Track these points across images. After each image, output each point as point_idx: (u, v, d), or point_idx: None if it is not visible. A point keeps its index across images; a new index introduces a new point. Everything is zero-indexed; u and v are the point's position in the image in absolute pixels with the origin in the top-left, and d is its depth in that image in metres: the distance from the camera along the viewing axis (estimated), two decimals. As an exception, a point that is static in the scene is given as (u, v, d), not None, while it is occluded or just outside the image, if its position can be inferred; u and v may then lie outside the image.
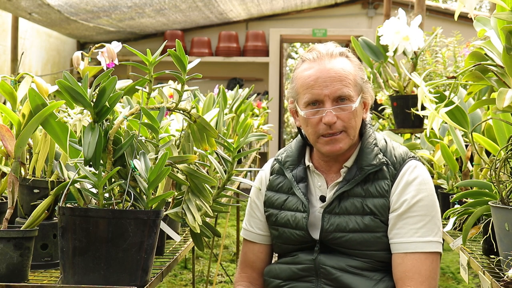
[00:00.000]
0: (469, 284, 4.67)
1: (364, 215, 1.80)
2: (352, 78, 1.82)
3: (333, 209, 1.83)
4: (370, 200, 1.80)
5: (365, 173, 1.82)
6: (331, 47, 1.86)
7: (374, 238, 1.79)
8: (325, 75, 1.79)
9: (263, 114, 5.66)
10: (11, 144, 1.56)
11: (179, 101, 1.71)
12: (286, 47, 15.09)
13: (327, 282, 1.80)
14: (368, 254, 1.81)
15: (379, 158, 1.83)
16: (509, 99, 1.57)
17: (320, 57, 1.83)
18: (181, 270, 5.20)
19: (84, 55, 2.06)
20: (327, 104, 1.79)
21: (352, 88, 1.80)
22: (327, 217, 1.83)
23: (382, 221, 1.80)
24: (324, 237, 1.83)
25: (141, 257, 1.47)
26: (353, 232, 1.80)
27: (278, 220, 1.91)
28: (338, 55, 1.84)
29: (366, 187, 1.81)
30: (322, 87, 1.78)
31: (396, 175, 1.82)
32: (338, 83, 1.79)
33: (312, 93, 1.80)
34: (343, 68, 1.81)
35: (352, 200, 1.81)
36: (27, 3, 6.65)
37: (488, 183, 1.99)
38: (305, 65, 1.85)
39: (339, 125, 1.79)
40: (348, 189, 1.82)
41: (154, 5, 8.01)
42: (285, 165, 1.95)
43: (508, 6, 1.60)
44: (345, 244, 1.81)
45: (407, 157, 1.86)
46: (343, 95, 1.79)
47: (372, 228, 1.79)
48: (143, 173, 1.52)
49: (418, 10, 5.38)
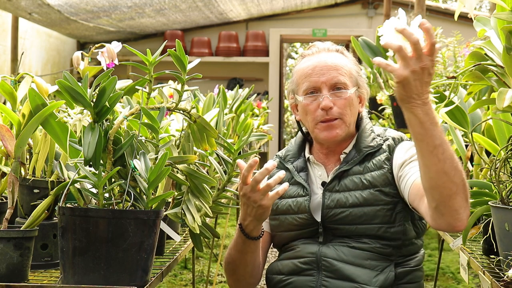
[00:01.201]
0: (469, 284, 4.66)
1: (364, 189, 1.85)
2: (348, 69, 1.93)
3: (333, 187, 1.89)
4: (368, 174, 1.86)
5: (363, 154, 1.90)
6: (328, 44, 2.00)
7: (373, 211, 1.83)
8: (322, 64, 1.92)
9: (263, 114, 5.67)
10: (11, 144, 1.56)
11: (179, 101, 1.71)
12: (286, 47, 15.09)
13: (328, 274, 1.82)
14: (369, 228, 1.83)
15: (376, 140, 1.92)
16: (509, 99, 1.57)
17: (318, 51, 1.97)
18: (181, 270, 5.20)
19: (84, 55, 2.06)
20: (324, 91, 1.89)
21: (347, 77, 1.92)
22: (328, 195, 1.88)
23: (382, 192, 1.83)
24: (325, 214, 1.86)
25: (141, 257, 1.48)
26: (353, 207, 1.84)
27: (279, 208, 1.94)
28: (334, 50, 1.98)
29: (364, 164, 1.89)
30: (319, 75, 1.90)
31: (394, 148, 1.89)
32: (334, 71, 1.91)
33: (310, 81, 1.91)
34: (339, 59, 1.94)
35: (351, 178, 1.88)
36: (27, 3, 6.65)
37: (488, 183, 1.99)
38: (304, 59, 1.98)
39: (335, 111, 1.88)
40: (347, 168, 1.89)
41: (154, 5, 8.01)
42: (286, 158, 2.03)
43: (508, 6, 1.60)
44: (346, 219, 1.84)
45: (405, 138, 1.95)
46: (339, 82, 1.90)
47: (371, 201, 1.83)
48: (143, 173, 1.52)
49: (418, 10, 5.38)
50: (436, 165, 1.51)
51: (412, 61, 1.42)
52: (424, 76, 1.43)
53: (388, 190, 1.83)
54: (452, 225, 1.57)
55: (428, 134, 1.48)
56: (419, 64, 1.41)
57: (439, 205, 1.55)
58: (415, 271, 1.88)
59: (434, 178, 1.52)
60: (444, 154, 1.50)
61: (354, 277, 1.79)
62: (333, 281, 1.81)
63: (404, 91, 1.45)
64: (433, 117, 1.48)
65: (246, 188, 1.67)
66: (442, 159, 1.50)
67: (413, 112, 1.47)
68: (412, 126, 1.50)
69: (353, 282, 1.79)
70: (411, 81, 1.43)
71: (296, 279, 1.87)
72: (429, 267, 5.16)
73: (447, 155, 1.50)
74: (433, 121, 1.48)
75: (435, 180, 1.52)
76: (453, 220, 1.55)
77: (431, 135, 1.48)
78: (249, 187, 1.67)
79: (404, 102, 1.47)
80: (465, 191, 1.54)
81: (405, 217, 1.85)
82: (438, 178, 1.52)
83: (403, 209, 1.84)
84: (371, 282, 1.78)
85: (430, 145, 1.49)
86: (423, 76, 1.43)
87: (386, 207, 1.83)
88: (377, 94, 4.33)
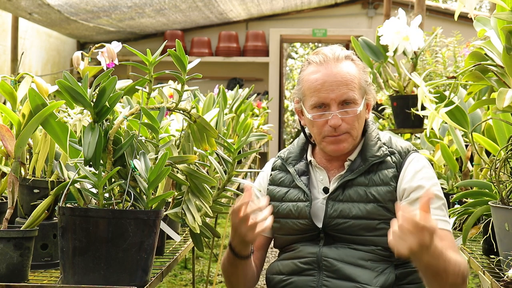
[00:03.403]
0: (469, 284, 4.66)
1: (368, 202, 1.83)
2: (357, 81, 1.87)
3: (337, 196, 1.87)
4: (373, 188, 1.84)
5: (369, 163, 1.86)
6: (337, 50, 1.90)
7: (375, 224, 1.82)
8: (331, 79, 1.84)
9: (263, 114, 5.67)
10: (11, 144, 1.56)
11: (179, 101, 1.70)
12: (286, 47, 15.07)
13: (328, 274, 1.82)
14: (370, 240, 1.83)
15: (382, 150, 1.88)
16: (509, 99, 1.57)
17: (327, 61, 1.87)
18: (181, 270, 5.20)
19: (84, 55, 2.06)
20: (333, 107, 1.84)
21: (357, 91, 1.86)
22: (331, 204, 1.87)
23: (386, 208, 1.82)
24: (327, 223, 1.86)
25: (141, 257, 1.48)
26: (355, 219, 1.83)
27: (280, 211, 1.94)
28: (343, 58, 1.89)
29: (370, 176, 1.86)
30: (329, 91, 1.84)
31: (402, 163, 1.86)
32: (344, 87, 1.84)
33: (318, 96, 1.85)
34: (348, 72, 1.86)
35: (355, 188, 1.86)
36: (27, 3, 6.65)
37: (488, 183, 1.99)
38: (312, 67, 1.89)
39: (344, 127, 1.85)
40: (352, 178, 1.87)
41: (154, 5, 8.01)
42: (288, 160, 2.00)
43: (508, 6, 1.60)
44: (347, 230, 1.84)
45: (412, 149, 1.92)
46: (348, 99, 1.84)
47: (374, 215, 1.82)
48: (143, 173, 1.52)
49: (418, 10, 5.38)
50: (440, 282, 1.63)
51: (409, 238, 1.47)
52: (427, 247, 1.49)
53: (392, 206, 1.81)
54: None
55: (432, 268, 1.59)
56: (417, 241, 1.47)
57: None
58: (416, 272, 1.87)
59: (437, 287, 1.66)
60: (447, 272, 1.62)
61: (355, 277, 1.79)
62: (334, 281, 1.81)
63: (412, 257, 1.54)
64: (438, 254, 1.56)
65: (235, 219, 1.70)
66: (445, 276, 1.62)
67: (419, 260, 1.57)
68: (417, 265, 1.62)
69: (354, 282, 1.79)
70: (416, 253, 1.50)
71: (297, 279, 1.87)
72: (429, 267, 5.15)
73: (449, 271, 1.62)
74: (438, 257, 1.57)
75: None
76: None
77: (435, 267, 1.59)
78: (239, 220, 1.70)
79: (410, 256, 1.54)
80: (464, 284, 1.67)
81: None
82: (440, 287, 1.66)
83: None
84: (372, 282, 1.78)
85: (434, 273, 1.61)
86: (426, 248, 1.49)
87: (388, 221, 1.81)
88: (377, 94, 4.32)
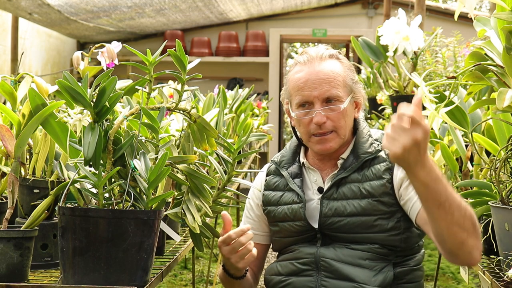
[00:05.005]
0: (469, 284, 4.66)
1: (362, 198, 1.83)
2: (341, 79, 1.88)
3: (331, 194, 1.87)
4: (367, 183, 1.84)
5: (361, 160, 1.87)
6: (321, 49, 1.92)
7: (371, 221, 1.82)
8: (314, 78, 1.86)
9: (263, 114, 5.66)
10: (11, 144, 1.56)
11: (179, 101, 1.71)
12: (286, 47, 15.08)
13: (327, 274, 1.83)
14: (366, 238, 1.83)
15: (374, 146, 1.89)
16: (509, 99, 1.57)
17: (311, 60, 1.89)
18: (181, 270, 5.20)
19: (84, 55, 2.06)
20: (316, 105, 1.86)
21: (341, 89, 1.87)
22: (326, 202, 1.87)
23: (380, 202, 1.82)
24: (323, 223, 1.86)
25: (141, 257, 1.48)
26: (351, 216, 1.83)
27: (276, 215, 1.95)
28: (327, 57, 1.90)
29: (363, 172, 1.86)
30: (312, 89, 1.86)
31: None
32: (327, 85, 1.85)
33: (302, 94, 1.87)
34: (332, 70, 1.88)
35: (349, 186, 1.86)
36: (27, 3, 6.65)
37: (488, 183, 1.99)
38: (297, 67, 1.92)
39: (329, 125, 1.86)
40: (345, 175, 1.87)
41: (154, 5, 8.01)
42: (281, 164, 2.02)
43: (508, 6, 1.60)
44: (344, 228, 1.84)
45: None
46: (331, 96, 1.85)
47: (369, 211, 1.82)
48: (143, 173, 1.52)
49: (418, 10, 5.37)
50: (445, 219, 1.50)
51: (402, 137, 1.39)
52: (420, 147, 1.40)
53: (387, 200, 1.82)
54: (466, 264, 1.65)
55: (432, 193, 1.47)
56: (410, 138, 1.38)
57: (451, 250, 1.57)
58: (414, 271, 1.88)
59: (444, 229, 1.53)
60: (451, 207, 1.49)
61: (353, 276, 1.80)
62: (332, 281, 1.81)
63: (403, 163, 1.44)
64: (435, 175, 1.46)
65: (225, 249, 1.72)
66: (450, 212, 1.49)
67: (415, 176, 1.45)
68: (415, 188, 1.49)
69: (352, 281, 1.79)
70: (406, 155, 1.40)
71: (296, 279, 1.87)
72: (429, 267, 5.16)
73: (454, 207, 1.49)
74: (436, 179, 1.46)
75: (445, 231, 1.53)
76: (467, 260, 1.60)
77: (435, 193, 1.47)
78: (229, 249, 1.71)
79: (404, 168, 1.46)
80: (475, 232, 1.55)
81: (405, 225, 1.84)
82: (447, 229, 1.52)
83: (403, 217, 1.83)
84: (370, 282, 1.79)
85: (436, 203, 1.48)
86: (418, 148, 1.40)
87: (384, 216, 1.82)
88: (377, 94, 4.32)
